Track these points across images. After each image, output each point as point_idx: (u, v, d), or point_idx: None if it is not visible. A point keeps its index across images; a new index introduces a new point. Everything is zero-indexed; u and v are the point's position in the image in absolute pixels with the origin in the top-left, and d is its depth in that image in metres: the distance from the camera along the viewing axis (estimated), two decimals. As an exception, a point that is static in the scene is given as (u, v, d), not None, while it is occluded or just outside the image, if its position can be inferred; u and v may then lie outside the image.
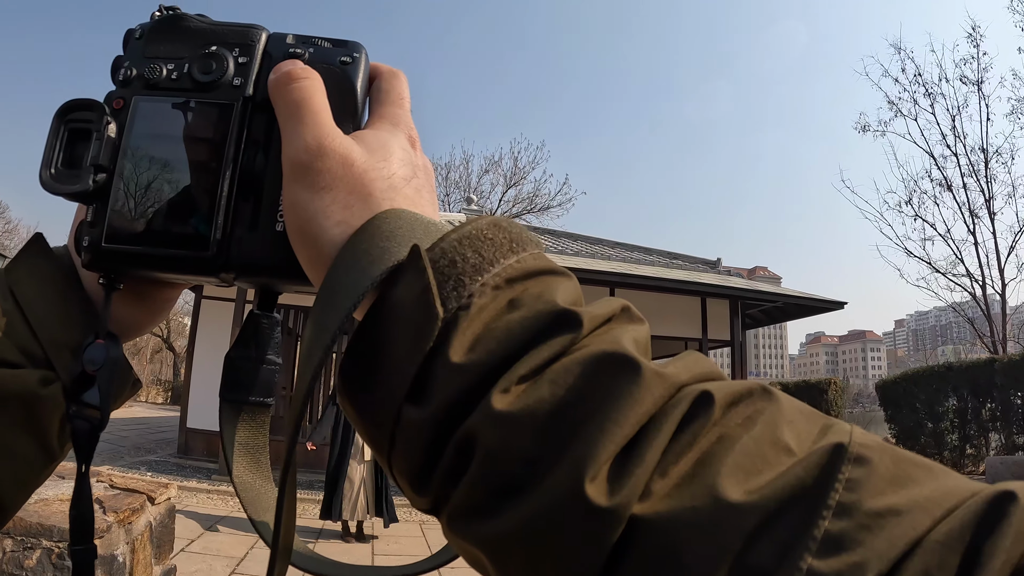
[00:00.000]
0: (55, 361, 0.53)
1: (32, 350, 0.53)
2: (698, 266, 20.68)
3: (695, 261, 21.46)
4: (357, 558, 8.28)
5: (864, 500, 0.31)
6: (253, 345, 0.60)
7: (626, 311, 0.43)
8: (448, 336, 0.39)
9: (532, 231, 0.51)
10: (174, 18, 0.56)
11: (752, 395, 0.38)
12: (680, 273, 17.77)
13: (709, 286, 16.91)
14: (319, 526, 9.66)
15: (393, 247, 0.43)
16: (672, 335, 17.67)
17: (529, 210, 38.31)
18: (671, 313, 17.16)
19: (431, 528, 10.02)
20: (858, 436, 0.34)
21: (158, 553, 4.32)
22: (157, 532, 4.29)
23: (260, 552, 7.96)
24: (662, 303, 16.74)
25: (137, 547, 3.87)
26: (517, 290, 0.41)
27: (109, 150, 0.52)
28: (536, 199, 39.05)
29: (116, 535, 3.62)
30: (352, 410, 0.43)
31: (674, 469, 0.34)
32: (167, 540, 4.50)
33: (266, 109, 0.53)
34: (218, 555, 7.86)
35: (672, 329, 17.48)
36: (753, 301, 18.16)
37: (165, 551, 4.47)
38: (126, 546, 3.71)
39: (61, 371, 0.53)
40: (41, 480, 0.56)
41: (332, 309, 0.42)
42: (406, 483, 0.41)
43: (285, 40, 0.56)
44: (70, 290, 0.56)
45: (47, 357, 0.53)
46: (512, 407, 0.36)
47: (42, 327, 0.53)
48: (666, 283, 16.01)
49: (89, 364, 0.53)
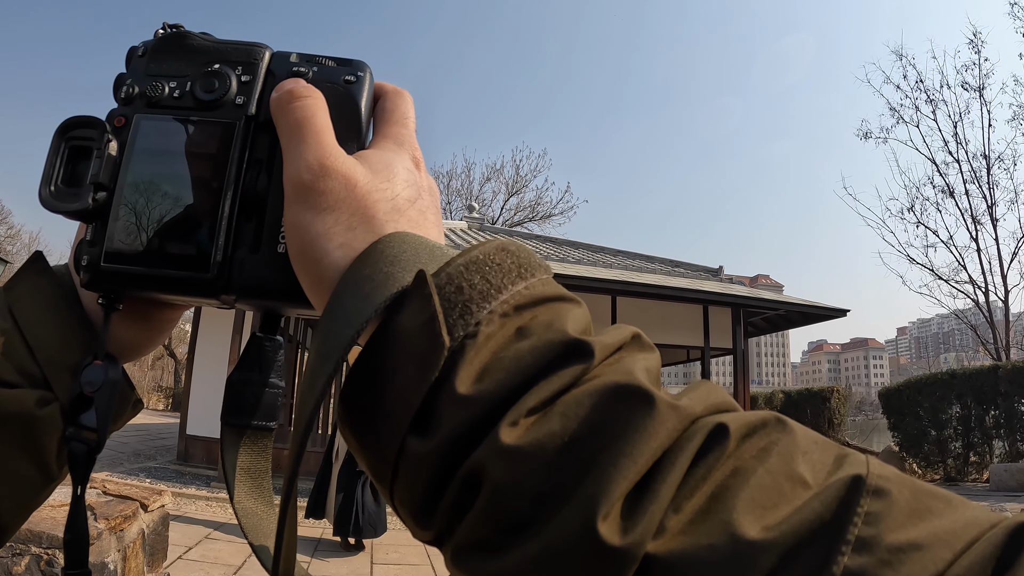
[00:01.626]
0: (53, 382, 0.52)
1: (30, 370, 0.52)
2: (700, 274, 20.65)
3: (697, 269, 21.44)
4: (355, 567, 8.25)
5: (884, 534, 0.30)
6: (256, 368, 0.59)
7: (636, 339, 0.42)
8: (454, 366, 0.38)
9: (533, 239, 0.47)
10: (177, 36, 0.56)
11: (766, 426, 0.37)
12: (682, 281, 17.76)
13: (711, 294, 16.86)
14: (317, 535, 9.62)
15: (397, 272, 0.42)
16: (674, 343, 17.62)
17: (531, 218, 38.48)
18: (673, 321, 17.12)
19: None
20: (876, 467, 0.34)
21: (151, 561, 4.29)
22: (150, 540, 4.26)
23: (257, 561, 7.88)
24: (664, 311, 16.71)
25: (129, 554, 3.84)
26: (526, 318, 0.40)
27: (110, 168, 0.51)
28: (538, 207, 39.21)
29: (107, 542, 3.60)
30: (353, 440, 0.42)
31: (688, 504, 0.33)
32: (160, 548, 4.48)
33: (269, 129, 0.52)
34: (216, 563, 7.82)
35: (674, 337, 17.43)
36: (755, 309, 18.10)
37: (158, 559, 4.44)
38: (117, 553, 3.68)
39: (59, 392, 0.52)
40: (40, 501, 0.55)
41: (335, 337, 0.41)
42: (408, 515, 0.39)
43: (289, 59, 0.55)
44: (70, 310, 0.55)
45: (45, 377, 0.52)
46: (521, 441, 0.35)
47: (41, 347, 0.52)
48: (668, 291, 15.92)
49: (87, 385, 0.52)
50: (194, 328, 15.93)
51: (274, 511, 0.58)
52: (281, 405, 0.60)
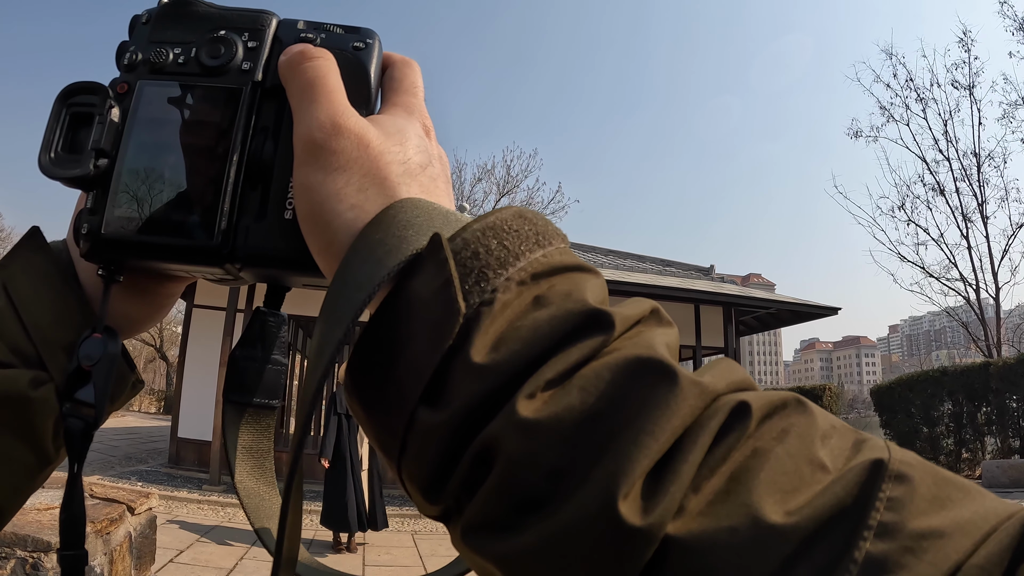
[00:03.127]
0: (48, 361, 0.51)
1: (24, 349, 0.51)
2: (691, 273, 20.75)
3: (688, 268, 21.54)
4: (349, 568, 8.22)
5: (907, 521, 0.30)
6: (259, 344, 0.58)
7: (655, 313, 0.40)
8: (469, 334, 0.36)
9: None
10: (182, 2, 0.55)
11: (787, 407, 0.36)
12: (673, 280, 17.85)
13: (703, 293, 16.98)
14: (309, 536, 9.59)
15: (411, 236, 0.40)
16: (666, 342, 17.56)
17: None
18: (665, 320, 17.04)
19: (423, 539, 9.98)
20: (897, 452, 0.34)
21: (139, 564, 4.27)
22: (137, 543, 4.24)
23: (249, 563, 7.95)
24: (656, 310, 16.65)
25: (116, 557, 3.81)
26: (543, 286, 0.38)
27: (112, 135, 0.50)
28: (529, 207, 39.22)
29: (93, 545, 3.57)
30: (360, 410, 0.41)
31: (708, 484, 0.32)
32: (148, 551, 4.46)
33: (276, 95, 0.52)
34: (207, 566, 7.81)
35: (666, 336, 17.36)
36: (747, 308, 18.19)
37: (146, 562, 4.42)
38: (104, 556, 3.66)
39: (54, 371, 0.51)
40: (37, 484, 0.54)
41: (345, 301, 0.39)
42: (417, 490, 0.38)
43: (296, 26, 0.54)
44: (66, 287, 0.53)
45: (40, 357, 0.51)
46: (539, 415, 0.34)
47: (35, 326, 0.51)
48: (659, 290, 15.97)
49: (85, 359, 0.51)
50: (184, 331, 15.86)
51: (276, 492, 0.57)
52: (284, 383, 0.58)
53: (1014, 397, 15.90)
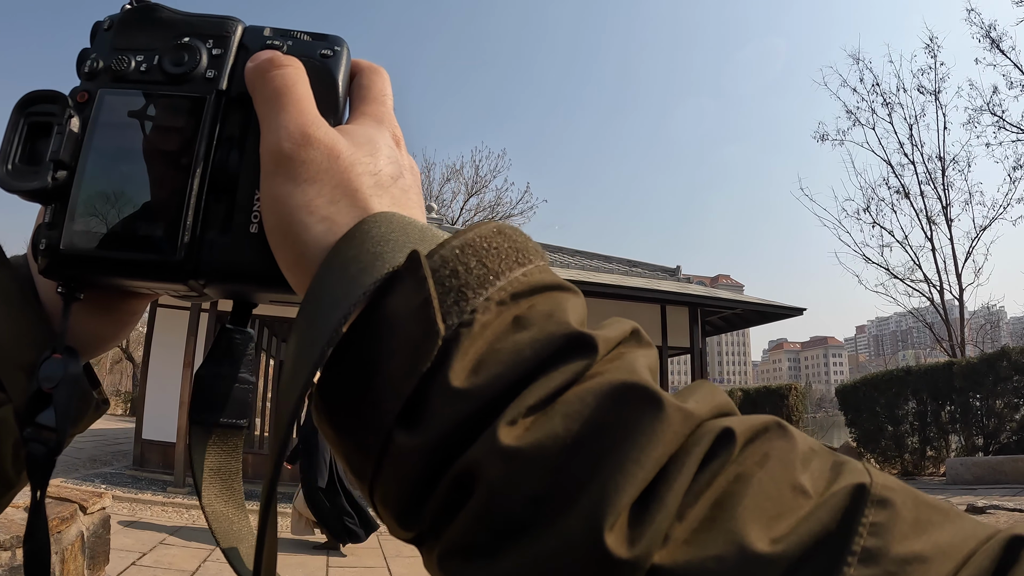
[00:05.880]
0: (6, 382, 0.48)
1: None
2: (657, 274, 20.83)
3: (655, 269, 21.62)
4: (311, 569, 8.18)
5: (890, 546, 0.30)
6: (226, 362, 0.56)
7: (635, 334, 0.40)
8: (448, 356, 0.35)
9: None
10: (146, 8, 0.53)
11: (768, 431, 0.36)
12: (639, 281, 17.92)
13: (668, 293, 17.05)
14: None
15: (387, 253, 0.39)
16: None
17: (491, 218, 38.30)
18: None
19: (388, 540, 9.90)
20: (879, 477, 0.34)
21: (92, 564, 4.21)
22: (90, 542, 4.18)
23: (212, 565, 7.85)
24: (621, 311, 16.63)
25: (67, 557, 3.76)
26: (523, 306, 0.38)
27: (71, 146, 0.48)
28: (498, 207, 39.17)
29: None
30: (330, 430, 0.39)
31: (691, 512, 0.32)
32: (102, 551, 4.40)
33: (241, 104, 0.50)
34: (170, 568, 7.71)
35: (633, 336, 17.47)
36: (713, 308, 18.31)
37: (100, 562, 4.36)
38: (55, 556, 3.59)
39: (14, 393, 0.48)
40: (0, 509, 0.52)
41: (319, 321, 0.38)
42: (391, 514, 0.37)
43: (262, 32, 0.53)
44: (24, 303, 0.50)
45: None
46: (521, 442, 0.33)
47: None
48: (625, 291, 16.04)
49: (45, 381, 0.47)
50: (148, 331, 15.60)
51: (245, 513, 0.55)
52: (252, 402, 0.57)
53: (977, 396, 16.15)
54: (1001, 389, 15.74)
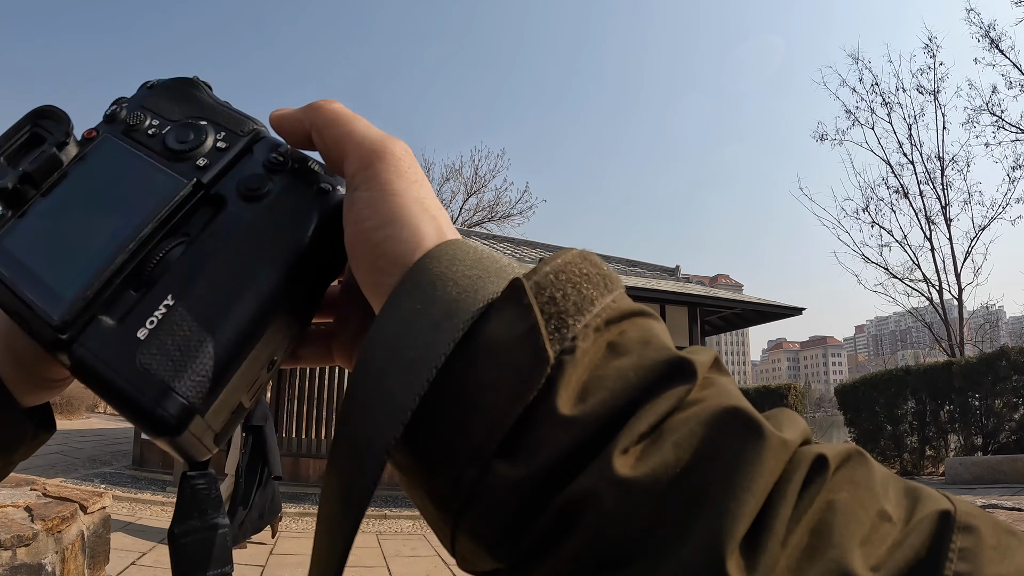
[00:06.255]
0: None
1: None
2: (657, 273, 20.81)
3: (654, 268, 21.59)
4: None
5: (979, 570, 0.31)
6: (195, 513, 0.54)
7: (717, 362, 0.39)
8: (554, 384, 0.35)
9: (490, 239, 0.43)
10: (187, 82, 0.55)
11: (851, 459, 0.35)
12: (639, 280, 17.88)
13: (668, 293, 17.00)
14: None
15: (483, 277, 0.38)
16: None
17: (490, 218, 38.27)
18: (632, 320, 17.11)
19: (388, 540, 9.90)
20: (962, 504, 0.34)
21: (92, 563, 4.22)
22: (91, 542, 4.19)
23: (212, 564, 7.78)
24: (623, 310, 16.69)
25: (68, 556, 3.77)
26: (614, 333, 0.37)
27: (46, 167, 0.48)
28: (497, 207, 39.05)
29: (44, 543, 3.53)
30: (414, 464, 0.37)
31: (792, 539, 0.32)
32: (102, 550, 4.40)
33: (214, 204, 0.48)
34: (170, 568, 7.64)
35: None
36: (712, 308, 18.29)
37: (100, 561, 4.36)
38: (55, 555, 3.61)
39: None
40: None
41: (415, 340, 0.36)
42: (481, 546, 0.35)
43: (275, 147, 0.51)
44: None
45: None
46: (636, 472, 0.32)
47: None
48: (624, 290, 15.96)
49: None
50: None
51: None
52: (230, 545, 0.55)
53: (976, 395, 16.10)
54: (1000, 389, 15.70)
